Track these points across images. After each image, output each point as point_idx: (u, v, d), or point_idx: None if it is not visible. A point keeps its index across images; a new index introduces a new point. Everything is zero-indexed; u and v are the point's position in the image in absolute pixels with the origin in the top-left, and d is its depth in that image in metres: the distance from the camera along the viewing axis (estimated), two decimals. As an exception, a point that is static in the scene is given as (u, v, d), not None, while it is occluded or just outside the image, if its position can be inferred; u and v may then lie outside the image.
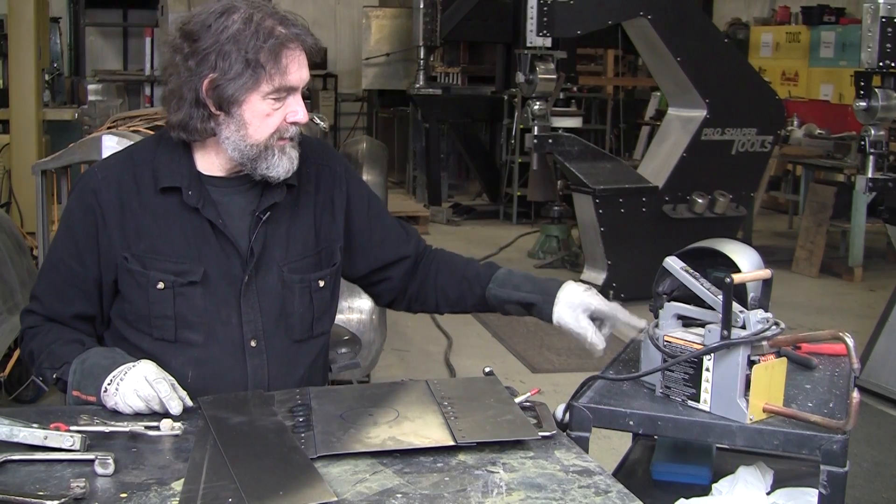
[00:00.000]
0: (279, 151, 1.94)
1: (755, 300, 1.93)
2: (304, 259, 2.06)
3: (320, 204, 2.11)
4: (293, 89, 1.93)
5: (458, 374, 5.15)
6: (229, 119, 1.92)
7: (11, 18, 7.10)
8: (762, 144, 6.98)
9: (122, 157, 2.08)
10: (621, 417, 1.86)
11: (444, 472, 1.56)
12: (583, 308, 2.07)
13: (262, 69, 1.88)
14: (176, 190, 1.97)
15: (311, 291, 2.06)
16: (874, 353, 4.91)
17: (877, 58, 5.09)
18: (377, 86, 11.42)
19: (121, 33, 12.18)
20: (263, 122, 1.92)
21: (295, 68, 1.92)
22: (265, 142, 1.93)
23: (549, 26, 6.36)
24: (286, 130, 1.94)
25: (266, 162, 1.94)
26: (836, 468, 1.73)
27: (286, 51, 1.90)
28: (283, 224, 2.04)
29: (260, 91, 1.90)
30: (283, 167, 1.95)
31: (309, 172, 2.09)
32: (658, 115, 10.29)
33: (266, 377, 2.01)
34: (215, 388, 1.94)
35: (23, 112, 7.08)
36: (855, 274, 7.54)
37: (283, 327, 2.03)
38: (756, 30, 12.15)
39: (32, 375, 2.33)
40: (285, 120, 1.93)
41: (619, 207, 6.52)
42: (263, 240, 2.00)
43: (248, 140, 1.93)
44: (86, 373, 1.87)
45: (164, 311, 1.96)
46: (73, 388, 1.89)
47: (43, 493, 1.46)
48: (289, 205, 2.05)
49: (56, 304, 2.04)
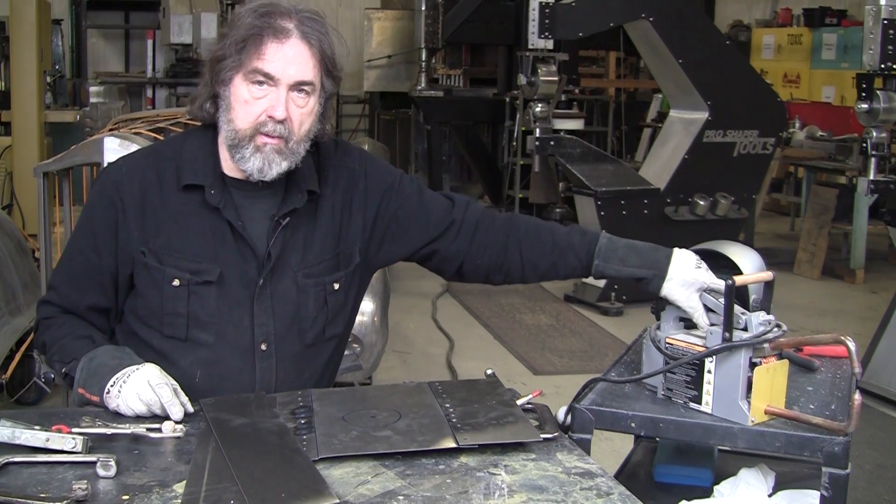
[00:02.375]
0: (254, 148, 1.93)
1: (757, 302, 1.93)
2: (320, 263, 2.04)
3: (339, 205, 2.09)
4: (272, 79, 1.91)
5: (459, 375, 5.15)
6: (222, 102, 1.96)
7: (13, 20, 7.11)
8: (764, 146, 6.98)
9: (147, 151, 2.10)
10: (623, 419, 1.86)
11: (445, 474, 1.56)
12: (697, 286, 1.97)
13: (243, 51, 1.90)
14: (199, 188, 1.98)
15: (326, 294, 2.05)
16: (876, 355, 4.91)
17: (878, 60, 5.08)
18: (379, 88, 11.40)
19: (122, 35, 12.19)
20: (243, 108, 1.93)
21: (276, 58, 1.90)
22: (245, 131, 1.93)
23: (550, 28, 6.36)
24: (265, 125, 1.92)
25: (240, 153, 1.94)
26: (838, 470, 1.73)
27: (270, 39, 1.90)
28: (301, 230, 2.03)
29: (241, 73, 1.91)
30: (255, 164, 1.93)
31: (328, 176, 2.08)
32: (660, 118, 10.28)
33: (274, 381, 2.01)
34: (223, 390, 1.94)
35: (24, 114, 7.09)
36: (857, 276, 7.54)
37: (296, 332, 2.03)
38: (758, 32, 12.14)
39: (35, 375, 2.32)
40: (266, 112, 1.92)
41: (621, 209, 6.51)
42: (282, 244, 2.00)
43: (231, 125, 1.94)
44: (92, 372, 1.87)
45: (176, 308, 1.96)
46: (78, 385, 1.89)
47: (45, 495, 1.46)
48: (310, 211, 2.04)
49: (72, 294, 2.04)
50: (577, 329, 6.14)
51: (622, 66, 11.83)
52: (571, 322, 6.30)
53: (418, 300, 6.55)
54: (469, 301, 6.71)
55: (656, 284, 2.01)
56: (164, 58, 10.92)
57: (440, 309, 6.48)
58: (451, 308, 6.59)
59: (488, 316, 6.37)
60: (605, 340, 5.87)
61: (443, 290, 6.93)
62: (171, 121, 3.82)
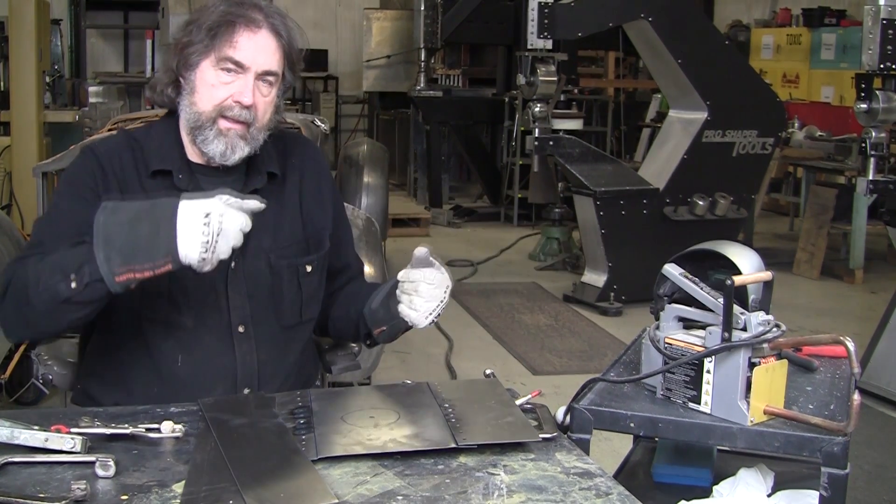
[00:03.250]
0: (217, 130, 1.97)
1: (756, 302, 1.93)
2: (291, 245, 2.10)
3: (307, 192, 2.16)
4: (242, 66, 1.96)
5: (458, 376, 5.15)
6: (185, 85, 1.99)
7: (12, 20, 7.10)
8: (763, 146, 6.98)
9: (119, 135, 2.10)
10: (622, 419, 1.86)
11: (444, 475, 1.56)
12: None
13: (216, 37, 1.94)
14: (166, 174, 2.01)
15: (299, 277, 2.10)
16: (875, 355, 4.91)
17: (878, 60, 5.08)
18: (378, 88, 11.41)
19: (122, 35, 12.20)
20: (209, 92, 1.96)
21: (247, 46, 1.95)
22: (208, 113, 1.97)
23: (549, 28, 6.36)
24: (230, 109, 1.96)
25: (203, 135, 1.98)
26: (837, 470, 1.73)
27: (242, 28, 1.95)
28: (269, 212, 2.02)
29: (210, 59, 1.96)
30: (218, 148, 1.97)
31: (294, 163, 2.16)
32: (659, 118, 10.28)
33: (255, 362, 2.03)
34: (204, 373, 1.97)
35: (23, 114, 7.08)
36: (856, 276, 7.54)
37: (273, 313, 2.06)
38: (757, 32, 12.14)
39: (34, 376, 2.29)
40: (232, 97, 1.96)
41: (620, 209, 6.52)
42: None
43: (193, 108, 1.98)
44: (129, 242, 1.68)
45: (157, 286, 1.92)
46: (115, 274, 1.69)
47: (44, 495, 1.46)
48: (274, 193, 2.08)
49: (58, 245, 1.85)
50: (576, 329, 6.14)
51: (621, 66, 11.84)
52: (570, 322, 6.30)
53: (417, 300, 6.54)
54: (468, 301, 6.71)
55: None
56: (163, 58, 10.92)
57: (439, 309, 6.47)
58: (450, 308, 6.50)
59: (487, 316, 6.37)
60: (604, 340, 5.88)
61: (442, 290, 6.91)
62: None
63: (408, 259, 2.08)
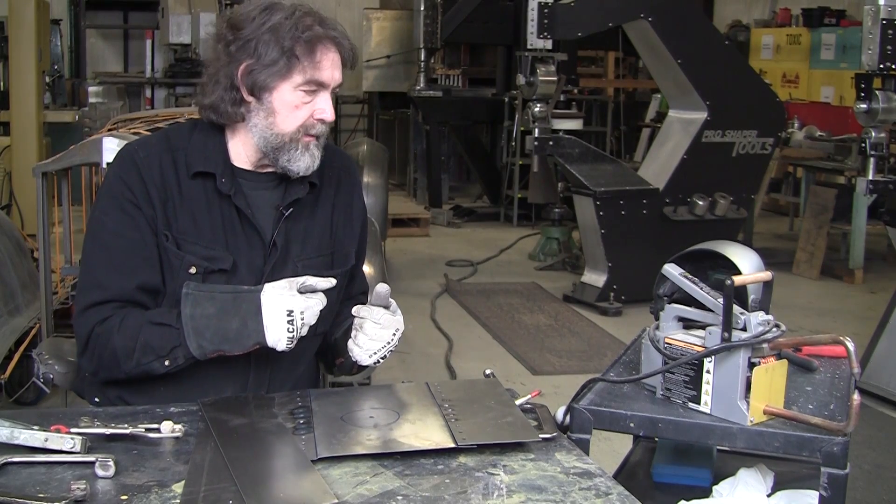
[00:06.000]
0: (303, 147, 1.98)
1: (756, 302, 1.93)
2: (318, 257, 2.09)
3: (339, 206, 2.15)
4: (323, 85, 1.97)
5: (458, 376, 5.15)
6: (259, 106, 1.97)
7: (12, 20, 7.12)
8: (763, 146, 6.98)
9: (159, 137, 2.08)
10: (622, 419, 1.86)
11: (444, 475, 1.56)
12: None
13: (295, 59, 1.93)
14: (209, 176, 1.99)
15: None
16: (875, 355, 4.91)
17: (877, 60, 5.09)
18: (378, 88, 11.41)
19: (121, 35, 12.19)
20: (291, 114, 1.96)
21: (328, 65, 1.96)
22: (291, 134, 1.97)
23: (549, 28, 6.36)
24: (312, 127, 1.98)
25: (288, 154, 1.98)
26: (837, 470, 1.73)
27: (321, 47, 1.95)
28: (302, 221, 2.07)
29: (291, 81, 1.94)
30: (305, 163, 1.99)
31: (331, 176, 2.14)
32: (659, 118, 10.29)
33: (268, 372, 2.03)
34: (217, 378, 1.96)
35: (23, 114, 7.10)
36: (856, 276, 7.54)
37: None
38: (756, 32, 12.14)
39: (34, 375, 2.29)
40: (312, 116, 1.97)
41: (620, 209, 6.52)
42: (286, 234, 2.03)
43: (274, 129, 1.97)
44: (219, 337, 1.86)
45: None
46: (208, 355, 1.88)
47: (43, 495, 1.46)
48: (309, 203, 2.08)
49: (118, 280, 1.94)
50: (575, 329, 6.14)
51: (621, 66, 11.84)
52: (570, 322, 6.30)
53: (417, 300, 6.55)
54: (468, 301, 6.71)
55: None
56: (162, 58, 10.93)
57: (439, 309, 6.48)
58: (450, 308, 6.59)
59: (487, 316, 6.37)
60: (604, 340, 5.88)
61: (442, 290, 6.93)
62: (169, 121, 3.81)
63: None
